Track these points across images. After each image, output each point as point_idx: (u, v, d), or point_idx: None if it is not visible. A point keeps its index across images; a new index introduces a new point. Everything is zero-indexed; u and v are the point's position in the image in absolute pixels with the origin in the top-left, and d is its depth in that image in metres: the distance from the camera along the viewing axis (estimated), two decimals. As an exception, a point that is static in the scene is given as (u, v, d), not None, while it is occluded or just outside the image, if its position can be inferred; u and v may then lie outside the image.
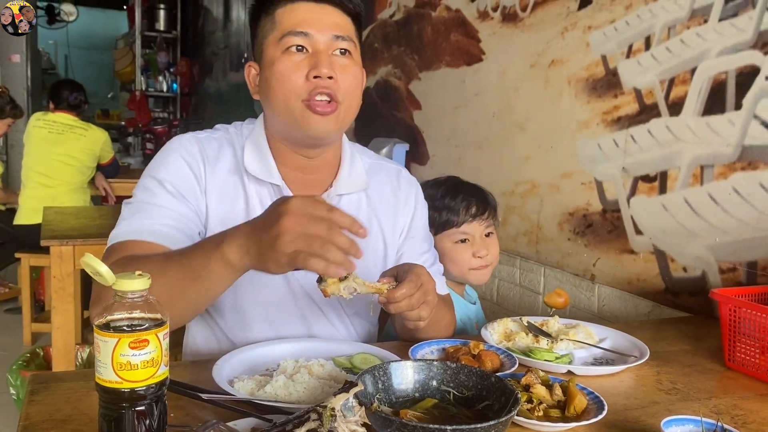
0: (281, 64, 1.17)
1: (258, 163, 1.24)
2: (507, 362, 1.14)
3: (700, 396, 1.10)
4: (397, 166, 1.43)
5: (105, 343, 0.71)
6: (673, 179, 1.73)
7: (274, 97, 1.19)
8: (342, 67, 1.18)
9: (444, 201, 1.59)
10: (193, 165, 1.21)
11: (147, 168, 1.24)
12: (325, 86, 1.15)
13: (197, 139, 1.26)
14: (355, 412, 0.78)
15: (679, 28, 1.71)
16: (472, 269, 1.59)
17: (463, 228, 1.58)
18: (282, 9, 1.19)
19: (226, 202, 1.23)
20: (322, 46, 1.17)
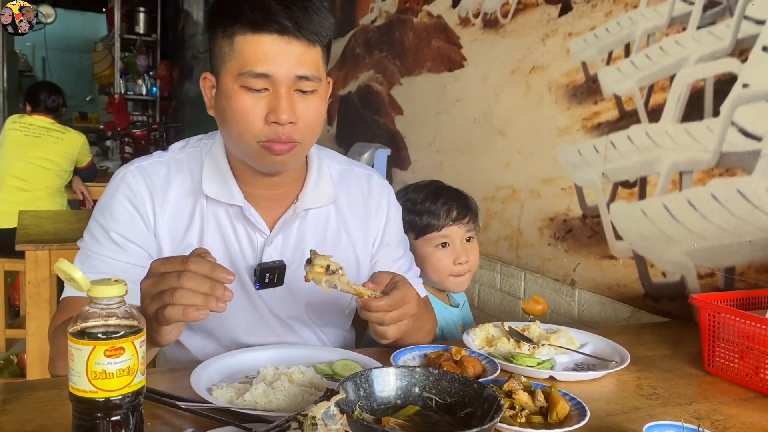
0: (239, 102, 1.09)
1: (218, 186, 1.20)
2: (489, 368, 1.14)
3: (681, 401, 1.11)
4: (367, 171, 1.38)
5: (79, 351, 0.70)
6: (652, 185, 1.74)
7: (229, 130, 1.13)
8: (303, 107, 1.11)
9: (425, 205, 1.58)
10: (138, 205, 1.18)
11: (96, 206, 1.23)
12: (284, 132, 1.09)
13: (142, 171, 1.20)
14: (337, 420, 0.77)
15: (659, 35, 1.73)
16: (452, 276, 1.58)
17: (444, 231, 1.57)
18: (242, 37, 1.08)
19: (179, 233, 1.20)
20: (283, 88, 1.08)
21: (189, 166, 1.23)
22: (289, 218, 1.24)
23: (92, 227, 1.20)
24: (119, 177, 1.21)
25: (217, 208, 1.22)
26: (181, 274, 0.89)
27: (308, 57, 1.10)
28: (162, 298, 0.90)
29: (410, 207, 1.59)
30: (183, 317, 0.90)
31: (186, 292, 0.89)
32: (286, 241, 1.25)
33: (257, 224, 1.22)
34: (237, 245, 1.23)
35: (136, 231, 1.18)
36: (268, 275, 1.22)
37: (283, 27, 1.06)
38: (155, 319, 0.93)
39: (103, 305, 0.71)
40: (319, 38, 1.10)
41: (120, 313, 0.72)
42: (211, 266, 0.91)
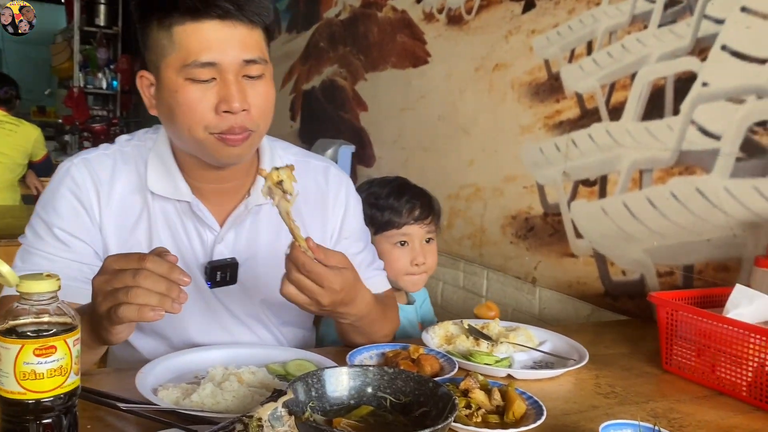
0: (186, 94, 1.03)
1: (164, 182, 1.15)
2: (447, 366, 1.12)
3: (638, 399, 1.10)
4: (325, 163, 1.33)
5: (7, 351, 0.65)
6: (612, 183, 1.74)
7: (177, 126, 1.07)
8: (254, 93, 1.06)
9: (388, 200, 1.55)
10: (83, 199, 1.13)
11: (39, 200, 1.17)
12: (238, 123, 1.05)
13: (87, 164, 1.15)
14: (284, 422, 0.73)
15: (620, 33, 1.73)
16: (407, 275, 1.55)
17: (404, 230, 1.54)
18: (181, 27, 1.02)
19: (126, 228, 1.15)
20: (231, 75, 1.03)
21: (135, 160, 1.18)
22: (241, 214, 1.19)
23: (34, 223, 1.14)
24: (63, 170, 1.15)
25: (165, 204, 1.17)
26: (136, 272, 0.86)
27: (252, 40, 1.06)
28: (116, 296, 0.87)
29: (373, 201, 1.56)
30: (137, 317, 0.86)
31: (141, 291, 0.85)
32: (238, 238, 1.20)
33: (206, 220, 1.18)
34: (187, 242, 1.18)
35: (80, 226, 1.13)
36: (220, 273, 1.18)
37: (225, 11, 1.02)
38: (107, 317, 0.89)
39: (34, 301, 0.67)
40: (261, 18, 1.06)
41: (52, 309, 0.68)
42: (168, 266, 0.87)
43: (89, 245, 1.13)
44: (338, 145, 2.96)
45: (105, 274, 0.89)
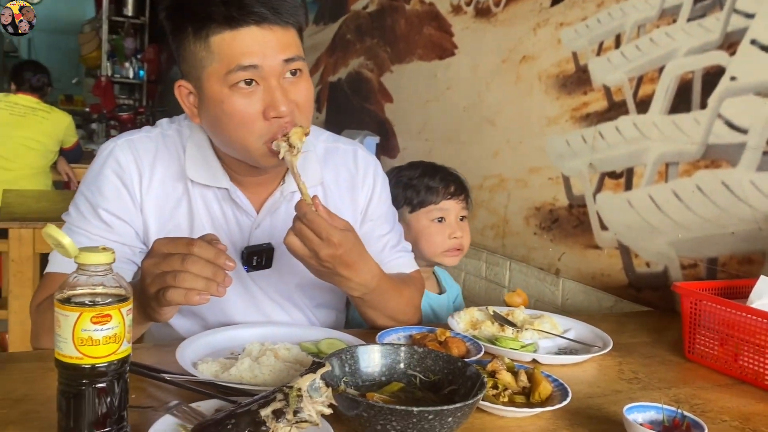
0: (233, 104, 1.05)
1: (202, 170, 1.18)
2: (473, 349, 1.14)
3: (661, 386, 1.12)
4: (353, 146, 1.35)
5: (66, 318, 0.69)
6: (638, 176, 1.75)
7: (228, 137, 1.09)
8: (295, 90, 1.08)
9: (423, 180, 1.61)
10: (126, 180, 1.16)
11: (83, 179, 1.20)
12: (287, 125, 1.06)
13: (131, 145, 1.18)
14: (322, 393, 0.77)
15: (649, 27, 1.74)
16: (445, 252, 1.60)
17: (442, 205, 1.60)
18: (219, 36, 1.03)
19: (166, 211, 1.19)
20: (273, 78, 1.05)
21: (176, 145, 1.21)
22: (277, 200, 1.23)
23: (79, 201, 1.18)
24: (107, 150, 1.19)
25: (204, 190, 1.20)
26: (185, 257, 0.89)
27: (289, 39, 1.08)
28: (164, 279, 0.90)
29: (406, 182, 1.62)
30: (185, 301, 0.90)
31: (188, 275, 0.89)
32: (274, 224, 1.24)
33: (244, 206, 1.21)
34: (225, 227, 1.22)
35: (123, 207, 1.16)
36: (256, 258, 1.22)
37: (261, 16, 1.03)
38: (155, 299, 0.93)
39: (91, 272, 0.71)
40: (295, 19, 1.08)
41: (107, 281, 0.72)
42: (215, 251, 0.91)
43: (131, 226, 1.17)
44: (363, 136, 2.99)
45: (154, 257, 0.93)
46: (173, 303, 0.91)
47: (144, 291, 0.94)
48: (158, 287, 0.92)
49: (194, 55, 1.07)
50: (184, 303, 0.91)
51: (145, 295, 0.94)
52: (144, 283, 0.94)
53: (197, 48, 1.06)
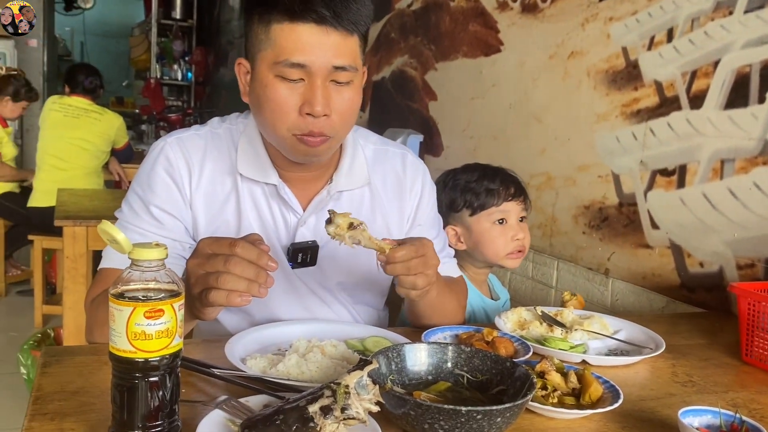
0: (274, 91, 1.07)
1: (253, 165, 1.20)
2: (521, 350, 1.13)
3: (717, 389, 1.09)
4: (402, 150, 1.37)
5: (120, 312, 0.71)
6: (692, 173, 1.70)
7: (264, 119, 1.12)
8: (338, 99, 1.09)
9: (482, 182, 1.60)
10: (176, 177, 1.18)
11: (135, 177, 1.23)
12: (318, 127, 1.08)
13: (180, 143, 1.20)
14: (369, 391, 0.77)
15: (703, 20, 1.69)
16: (508, 255, 1.59)
17: (503, 207, 1.59)
18: (279, 26, 1.05)
19: (214, 207, 1.21)
20: (319, 79, 1.06)
21: (226, 143, 1.23)
22: (323, 199, 1.24)
23: (131, 198, 1.20)
24: (158, 148, 1.21)
25: (252, 186, 1.22)
26: (227, 258, 0.90)
27: (345, 47, 1.07)
28: (207, 281, 0.91)
29: (465, 185, 1.61)
30: (226, 302, 0.91)
31: (231, 277, 0.90)
32: (320, 222, 1.24)
33: (291, 204, 1.23)
34: (272, 223, 1.23)
35: (173, 204, 1.19)
36: (301, 255, 1.23)
37: (320, 16, 1.03)
38: (198, 299, 0.94)
39: (144, 267, 0.72)
40: (357, 27, 1.07)
41: (160, 276, 0.73)
42: (257, 252, 0.91)
43: (181, 222, 1.20)
44: (407, 135, 2.98)
45: (198, 258, 0.94)
46: (215, 304, 0.92)
47: (188, 290, 0.95)
48: (201, 288, 0.93)
49: (256, 36, 1.10)
50: (226, 305, 0.92)
51: (189, 295, 0.95)
52: (188, 283, 0.95)
53: (259, 30, 1.08)
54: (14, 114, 4.26)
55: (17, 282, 4.50)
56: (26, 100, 4.24)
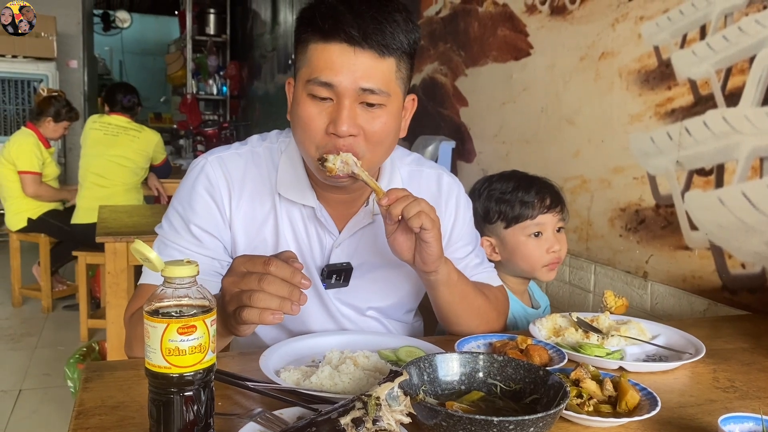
0: (305, 109, 1.09)
1: (293, 186, 1.21)
2: (556, 357, 1.12)
3: (761, 395, 1.06)
4: (437, 170, 1.36)
5: (154, 329, 0.72)
6: (730, 172, 1.66)
7: (296, 137, 1.14)
8: (367, 120, 1.08)
9: (517, 194, 1.56)
10: (216, 196, 1.19)
11: (175, 195, 1.24)
12: (344, 145, 1.07)
13: (221, 162, 1.21)
14: (400, 402, 0.77)
15: (737, 15, 1.65)
16: (544, 266, 1.57)
17: (538, 219, 1.55)
18: (314, 45, 1.07)
19: (253, 228, 1.22)
20: (347, 99, 1.06)
21: (266, 162, 1.24)
22: (359, 221, 1.25)
23: (171, 216, 1.22)
24: (199, 167, 1.22)
25: (290, 207, 1.23)
26: (261, 276, 0.91)
27: (376, 70, 1.06)
28: (241, 299, 0.92)
29: (499, 196, 1.58)
30: (259, 320, 0.92)
31: (264, 295, 0.90)
32: (354, 244, 1.26)
33: (327, 226, 1.24)
34: (308, 244, 1.25)
35: (213, 223, 1.20)
36: (335, 276, 1.25)
37: (350, 37, 1.04)
38: (233, 316, 0.95)
39: (177, 285, 0.74)
40: (390, 50, 1.06)
41: (192, 292, 0.75)
42: (291, 270, 0.92)
43: (220, 241, 1.21)
44: (438, 141, 2.98)
45: (233, 276, 0.95)
46: (249, 322, 0.93)
47: (223, 307, 0.96)
48: (235, 306, 0.94)
49: (298, 56, 1.13)
50: (259, 323, 0.92)
51: (224, 312, 0.97)
52: (223, 301, 0.97)
53: (300, 51, 1.12)
54: (56, 134, 4.39)
55: (63, 297, 4.63)
56: (67, 120, 4.37)
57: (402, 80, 1.12)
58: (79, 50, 6.90)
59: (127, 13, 10.04)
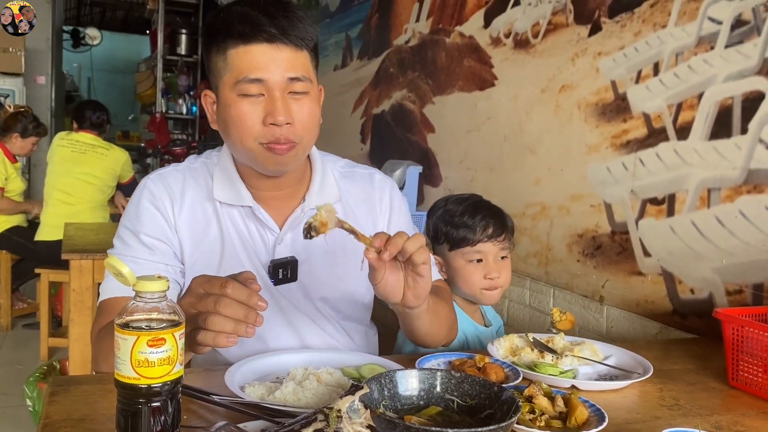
0: (237, 109, 1.17)
1: (227, 190, 1.29)
2: (511, 375, 1.16)
3: (702, 412, 1.12)
4: (369, 170, 1.44)
5: (124, 341, 0.75)
6: (680, 202, 1.75)
7: (232, 137, 1.21)
8: (298, 108, 1.18)
9: (463, 218, 1.61)
10: (160, 207, 1.28)
11: (123, 216, 1.32)
12: (282, 134, 1.16)
13: (161, 178, 1.31)
14: (361, 415, 0.81)
15: (687, 54, 1.75)
16: (483, 289, 1.61)
17: (478, 247, 1.59)
18: (234, 50, 1.16)
19: (198, 231, 1.29)
20: (277, 91, 1.16)
21: (203, 174, 1.32)
22: (297, 217, 1.31)
23: (122, 233, 1.29)
24: (141, 185, 1.31)
25: (230, 210, 1.30)
26: (218, 299, 0.93)
27: (297, 60, 1.18)
28: (196, 321, 0.95)
29: (448, 219, 1.63)
30: (213, 343, 0.93)
31: (219, 318, 0.92)
32: (296, 239, 1.31)
33: (267, 223, 1.30)
34: (252, 243, 1.31)
35: (160, 230, 1.27)
36: (282, 271, 1.29)
37: (270, 35, 1.14)
38: (189, 337, 0.96)
39: (147, 299, 0.77)
40: (305, 43, 1.18)
41: (162, 306, 0.78)
42: (247, 292, 0.94)
43: (169, 246, 1.28)
44: (406, 166, 3.04)
45: (191, 297, 0.98)
46: (203, 344, 0.94)
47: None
48: (191, 327, 0.95)
49: (216, 66, 1.20)
50: (213, 345, 0.94)
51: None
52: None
53: (218, 59, 1.19)
54: (24, 150, 4.35)
55: (23, 315, 4.54)
56: (35, 136, 4.34)
57: (315, 70, 1.24)
58: (48, 66, 6.84)
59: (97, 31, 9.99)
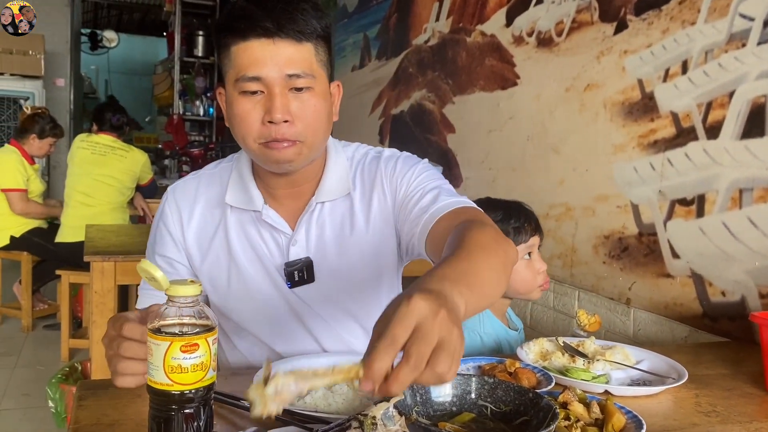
0: (238, 107, 1.14)
1: (239, 194, 1.28)
2: (543, 380, 1.14)
3: (741, 419, 1.09)
4: (379, 151, 1.36)
5: (157, 347, 0.74)
6: (710, 203, 1.72)
7: (236, 135, 1.19)
8: (300, 105, 1.14)
9: (509, 221, 1.61)
10: (169, 225, 1.30)
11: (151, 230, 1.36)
12: (280, 131, 1.13)
13: (174, 192, 1.32)
14: (395, 422, 0.79)
15: (717, 52, 1.72)
16: (539, 287, 1.63)
17: (531, 242, 1.62)
18: (235, 47, 1.13)
19: (205, 242, 1.29)
20: (276, 88, 1.12)
21: (219, 179, 1.31)
22: (307, 214, 1.27)
23: (147, 246, 1.34)
24: (163, 198, 1.33)
25: (240, 214, 1.28)
26: (119, 341, 0.87)
27: (297, 55, 1.13)
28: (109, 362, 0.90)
29: None
30: (118, 385, 0.88)
31: (120, 360, 0.87)
32: (308, 237, 1.27)
33: (278, 226, 1.26)
34: (264, 247, 1.27)
35: (171, 250, 1.30)
36: (297, 273, 1.26)
37: (266, 30, 1.10)
38: None
39: (180, 303, 0.76)
40: (306, 36, 1.13)
41: (195, 311, 0.77)
42: (142, 331, 0.84)
43: (182, 264, 1.30)
44: (426, 167, 3.02)
45: (105, 338, 0.92)
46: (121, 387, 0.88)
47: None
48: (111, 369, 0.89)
49: (223, 63, 1.18)
50: (121, 386, 0.88)
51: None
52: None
53: (224, 57, 1.17)
54: (41, 151, 4.38)
55: (44, 316, 4.57)
56: (52, 137, 4.36)
57: (323, 64, 1.18)
58: (67, 69, 6.90)
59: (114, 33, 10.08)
